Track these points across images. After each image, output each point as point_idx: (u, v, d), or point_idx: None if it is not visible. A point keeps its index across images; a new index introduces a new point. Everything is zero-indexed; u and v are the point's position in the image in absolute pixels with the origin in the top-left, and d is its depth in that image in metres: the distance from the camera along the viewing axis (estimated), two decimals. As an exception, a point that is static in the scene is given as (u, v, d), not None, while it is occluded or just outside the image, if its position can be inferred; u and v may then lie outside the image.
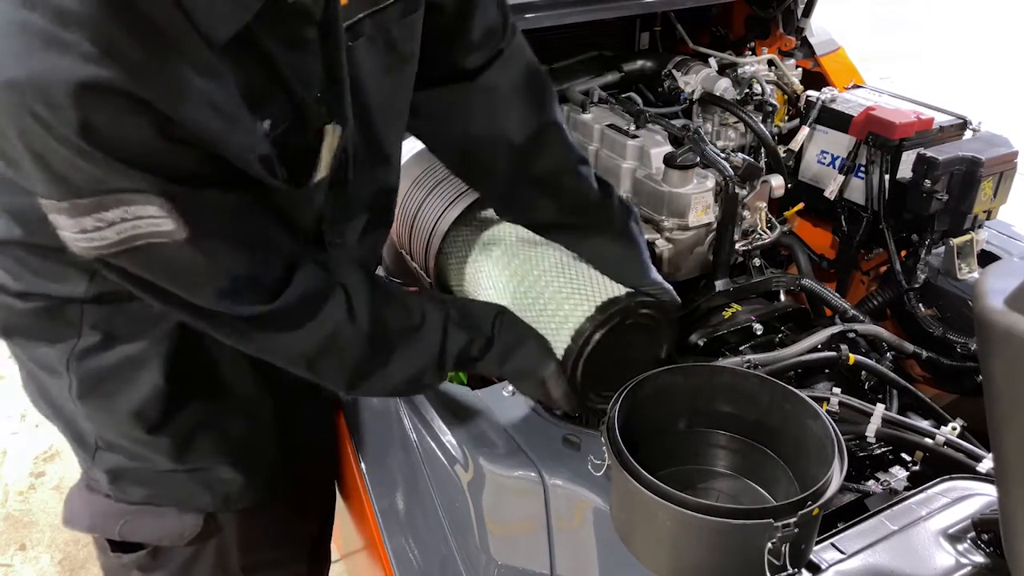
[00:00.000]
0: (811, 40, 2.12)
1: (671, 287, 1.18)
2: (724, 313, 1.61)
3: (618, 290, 1.13)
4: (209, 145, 0.78)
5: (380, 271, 1.50)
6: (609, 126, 1.71)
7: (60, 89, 0.70)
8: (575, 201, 1.17)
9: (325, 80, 0.93)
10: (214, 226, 0.84)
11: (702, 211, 1.59)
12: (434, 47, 1.12)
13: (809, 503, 0.85)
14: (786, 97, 1.99)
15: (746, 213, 1.66)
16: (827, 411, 1.18)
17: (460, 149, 1.21)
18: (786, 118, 2.00)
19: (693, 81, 1.91)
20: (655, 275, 1.17)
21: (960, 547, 0.96)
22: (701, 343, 1.55)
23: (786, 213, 1.80)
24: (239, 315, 0.90)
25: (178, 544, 1.20)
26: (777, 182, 1.70)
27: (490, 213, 1.34)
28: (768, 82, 1.92)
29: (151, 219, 0.78)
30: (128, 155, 0.75)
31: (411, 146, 1.49)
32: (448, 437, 1.17)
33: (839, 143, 1.83)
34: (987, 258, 1.74)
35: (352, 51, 0.96)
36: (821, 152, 1.87)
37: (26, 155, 0.74)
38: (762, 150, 1.84)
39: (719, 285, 1.65)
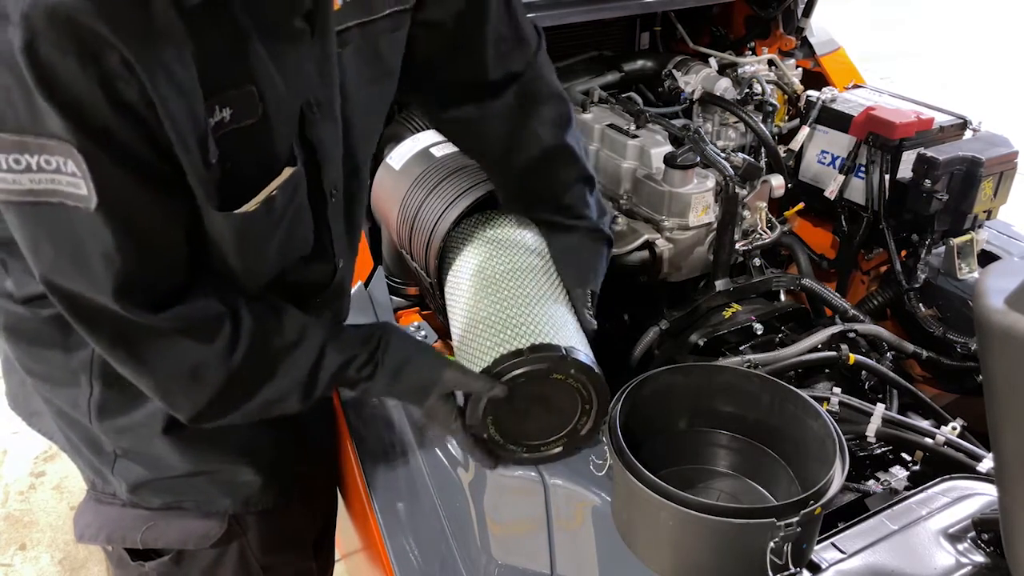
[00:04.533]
0: (811, 40, 2.12)
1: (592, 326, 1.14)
2: (724, 313, 1.61)
3: (564, 341, 1.02)
4: (148, 113, 0.74)
5: (380, 271, 1.50)
6: (609, 126, 1.72)
7: (15, 3, 0.67)
8: (561, 209, 1.21)
9: (317, 82, 0.91)
10: (129, 208, 0.79)
11: (702, 211, 1.59)
12: (440, 65, 1.15)
13: (811, 502, 0.85)
14: (786, 97, 2.00)
15: (746, 213, 1.66)
16: (827, 411, 1.19)
17: (469, 153, 1.28)
18: (786, 118, 2.00)
19: (693, 81, 1.92)
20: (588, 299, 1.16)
21: (960, 547, 0.96)
22: (701, 343, 1.55)
23: (786, 213, 1.80)
24: (125, 316, 0.84)
25: (203, 546, 1.19)
26: (777, 182, 1.70)
27: (491, 211, 1.34)
28: (768, 82, 1.92)
29: (69, 177, 0.75)
30: (62, 98, 0.71)
31: (411, 146, 1.49)
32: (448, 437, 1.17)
33: (839, 143, 1.83)
34: (987, 258, 1.74)
35: (340, 57, 0.95)
36: (821, 152, 1.87)
37: None
38: (762, 150, 1.84)
39: (719, 285, 1.65)
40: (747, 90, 1.89)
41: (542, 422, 1.04)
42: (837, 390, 1.34)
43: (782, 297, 1.73)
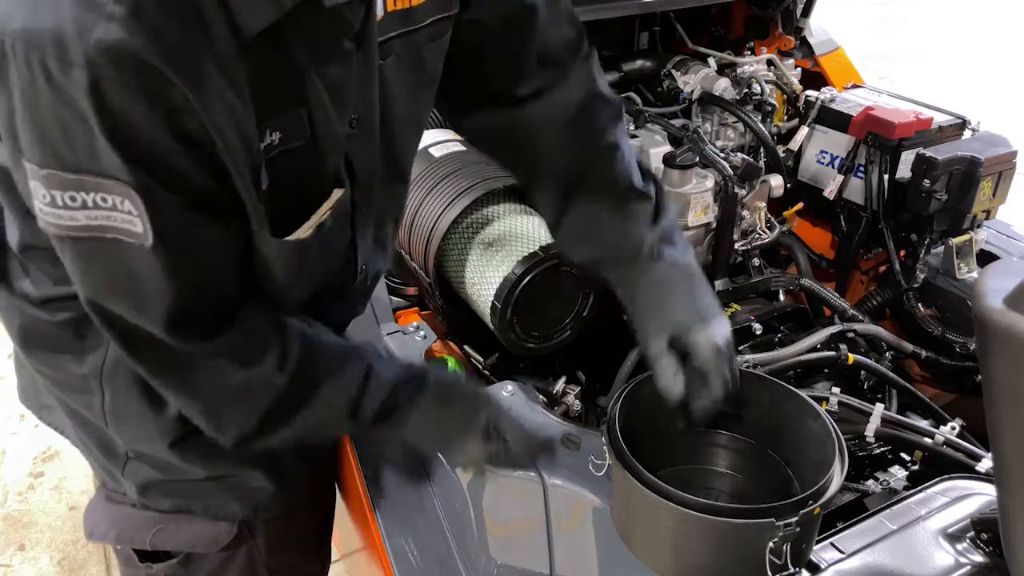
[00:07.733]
0: (810, 40, 2.12)
1: None
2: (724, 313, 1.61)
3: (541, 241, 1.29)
4: (209, 144, 0.76)
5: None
6: (608, 126, 1.71)
7: (78, 45, 0.67)
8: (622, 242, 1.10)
9: (359, 97, 0.92)
10: (185, 243, 0.81)
11: (701, 211, 1.59)
12: (475, 66, 1.09)
13: (810, 502, 0.85)
14: (785, 97, 1.99)
15: (745, 213, 1.66)
16: (826, 411, 1.19)
17: (499, 158, 1.22)
18: (785, 118, 2.00)
19: (692, 81, 1.91)
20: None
21: (959, 546, 0.96)
22: (701, 343, 1.55)
23: (785, 213, 1.80)
24: (174, 345, 0.85)
25: (212, 550, 1.17)
26: (776, 182, 1.70)
27: (489, 211, 1.34)
28: (767, 82, 1.92)
29: (125, 215, 0.76)
30: (125, 139, 0.72)
31: (410, 146, 1.49)
32: (448, 437, 1.17)
33: (838, 143, 1.83)
34: (986, 258, 1.74)
35: (382, 69, 0.95)
36: (820, 152, 1.87)
37: (24, 114, 0.72)
38: (761, 150, 1.84)
39: (718, 285, 1.65)
40: (746, 90, 1.88)
41: (555, 312, 1.32)
42: (836, 390, 1.34)
43: (781, 297, 1.73)
